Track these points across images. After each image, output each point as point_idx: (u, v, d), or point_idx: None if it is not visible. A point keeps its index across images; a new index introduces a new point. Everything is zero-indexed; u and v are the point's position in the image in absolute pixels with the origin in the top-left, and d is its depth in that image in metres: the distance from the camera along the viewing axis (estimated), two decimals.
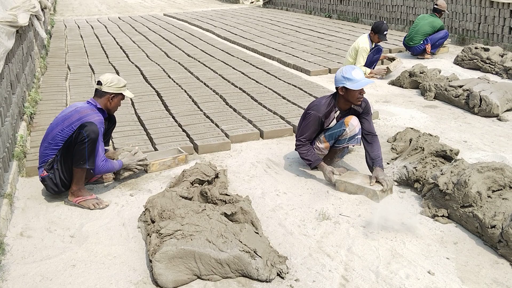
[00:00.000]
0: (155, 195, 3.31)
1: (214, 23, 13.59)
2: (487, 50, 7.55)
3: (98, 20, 15.06)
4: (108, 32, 12.35)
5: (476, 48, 7.66)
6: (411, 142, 4.24)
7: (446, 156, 3.89)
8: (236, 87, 6.67)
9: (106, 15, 17.28)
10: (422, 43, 8.34)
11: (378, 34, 6.88)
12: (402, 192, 3.77)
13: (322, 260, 2.92)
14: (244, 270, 2.75)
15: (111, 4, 22.06)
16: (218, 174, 3.75)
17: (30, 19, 6.86)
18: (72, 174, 3.61)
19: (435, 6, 8.51)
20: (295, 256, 2.98)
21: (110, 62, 8.54)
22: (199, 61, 8.50)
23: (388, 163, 4.23)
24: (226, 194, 3.34)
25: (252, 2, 20.65)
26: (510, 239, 2.86)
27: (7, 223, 3.37)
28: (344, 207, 3.55)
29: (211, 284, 2.74)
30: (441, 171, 3.51)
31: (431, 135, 4.28)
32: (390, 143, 4.64)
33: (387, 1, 11.83)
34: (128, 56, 9.07)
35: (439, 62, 8.14)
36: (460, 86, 5.87)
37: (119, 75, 7.42)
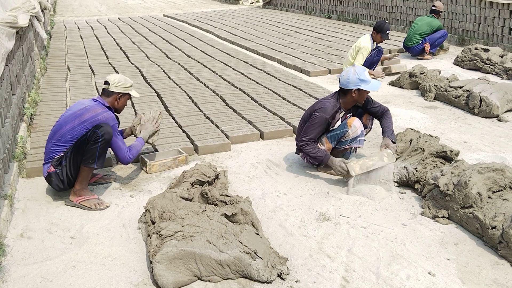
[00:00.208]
0: (156, 196, 3.31)
1: (214, 24, 13.60)
2: (487, 50, 7.55)
3: (98, 21, 15.06)
4: (108, 33, 12.35)
5: (476, 48, 7.67)
6: (411, 143, 4.24)
7: (447, 157, 3.89)
8: (236, 88, 6.67)
9: (106, 16, 17.28)
10: (420, 42, 8.39)
11: (381, 33, 6.88)
12: (403, 193, 3.77)
13: (322, 261, 2.92)
14: (244, 271, 2.74)
15: (111, 5, 22.07)
16: (218, 175, 3.74)
17: (30, 20, 6.86)
18: (78, 173, 3.62)
19: (432, 8, 8.70)
20: (295, 257, 2.98)
21: (110, 63, 8.54)
22: (199, 62, 8.50)
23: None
24: (227, 195, 3.34)
25: (251, 3, 20.66)
26: (510, 240, 2.86)
27: (7, 224, 3.37)
28: (344, 208, 3.55)
29: (211, 285, 2.74)
30: (441, 172, 3.51)
31: (431, 136, 4.27)
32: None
33: (387, 1, 11.84)
34: (128, 57, 9.07)
35: (439, 63, 8.15)
36: (460, 87, 5.87)
37: None
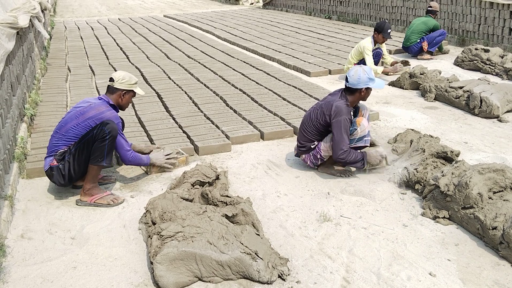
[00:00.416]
0: (156, 197, 3.30)
1: (214, 24, 13.60)
2: (487, 51, 7.55)
3: (98, 22, 15.06)
4: (108, 33, 12.35)
5: (476, 49, 7.67)
6: (411, 144, 4.24)
7: (447, 157, 3.89)
8: (237, 88, 6.67)
9: (106, 16, 17.29)
10: (418, 41, 8.41)
11: (382, 33, 6.88)
12: (403, 193, 3.77)
13: (323, 262, 2.92)
14: (245, 272, 2.74)
15: (111, 5, 22.07)
16: (218, 175, 3.74)
17: (31, 20, 6.86)
18: (82, 170, 3.63)
19: (428, 8, 8.78)
20: (296, 258, 2.98)
21: (110, 63, 8.54)
22: (199, 62, 8.50)
23: (388, 164, 4.23)
24: (227, 196, 3.34)
25: (252, 3, 20.66)
26: (511, 240, 2.86)
27: (8, 225, 3.37)
28: (345, 209, 3.55)
29: (212, 286, 2.74)
30: (442, 172, 3.51)
31: (431, 137, 4.27)
32: (390, 144, 4.63)
33: (387, 2, 11.84)
34: (128, 58, 9.07)
35: (439, 63, 8.15)
36: (461, 87, 5.87)
37: None
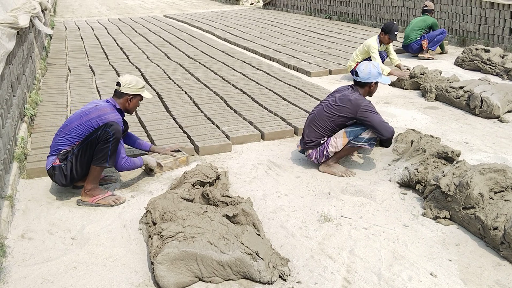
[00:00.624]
0: (157, 197, 3.30)
1: (214, 25, 13.59)
2: (487, 51, 7.55)
3: (98, 22, 15.06)
4: (109, 33, 12.34)
5: (476, 49, 7.66)
6: (412, 144, 4.23)
7: (448, 157, 3.88)
8: (237, 88, 6.66)
9: (106, 16, 17.28)
10: (419, 39, 8.44)
11: (389, 34, 6.89)
12: (404, 193, 3.77)
13: (324, 262, 2.92)
14: (246, 272, 2.74)
15: (111, 5, 22.07)
16: (219, 175, 3.74)
17: (31, 20, 6.85)
18: (84, 171, 3.63)
19: (424, 8, 8.82)
20: (297, 258, 2.97)
21: (110, 63, 8.54)
22: (199, 62, 8.49)
23: (389, 165, 4.23)
24: (228, 196, 3.33)
25: (252, 3, 20.66)
26: None
27: (8, 225, 3.36)
28: (345, 209, 3.55)
29: (212, 286, 2.73)
30: (442, 172, 3.51)
31: (432, 137, 4.27)
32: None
33: (387, 2, 11.84)
34: (128, 58, 9.06)
35: (439, 63, 8.15)
36: (461, 87, 5.86)
37: (119, 77, 7.42)
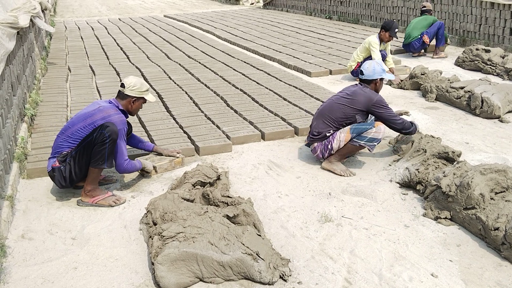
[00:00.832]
0: (157, 197, 3.29)
1: (214, 25, 13.59)
2: (488, 51, 7.54)
3: (98, 22, 15.06)
4: (109, 33, 12.34)
5: (477, 49, 7.66)
6: (413, 144, 4.23)
7: (448, 158, 3.88)
8: (237, 88, 6.66)
9: (107, 16, 17.28)
10: (419, 37, 8.44)
11: (389, 31, 6.89)
12: (405, 194, 3.76)
13: (324, 263, 2.91)
14: (246, 273, 2.73)
15: (111, 5, 22.06)
16: (219, 176, 3.74)
17: (31, 19, 6.85)
18: (83, 173, 3.62)
19: (423, 9, 8.83)
20: (297, 258, 2.97)
21: (110, 63, 8.53)
22: (199, 62, 8.49)
23: (390, 165, 4.23)
24: (228, 196, 3.33)
25: (252, 3, 20.65)
26: None
27: (8, 225, 3.36)
28: (346, 209, 3.54)
29: (213, 286, 2.73)
30: (443, 173, 3.50)
31: (433, 137, 4.26)
32: (392, 144, 4.63)
33: (387, 2, 11.83)
34: (128, 58, 9.06)
35: (440, 63, 8.14)
36: (462, 88, 5.86)
37: (119, 77, 7.42)
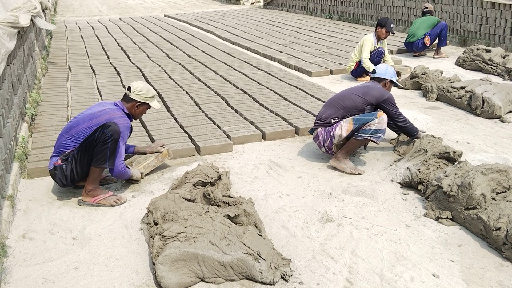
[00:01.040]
0: (158, 197, 3.29)
1: (215, 24, 13.58)
2: (489, 51, 7.53)
3: (99, 21, 15.05)
4: (109, 33, 12.34)
5: (477, 49, 7.65)
6: (414, 144, 4.22)
7: (450, 157, 3.87)
8: (238, 88, 6.65)
9: (107, 16, 17.28)
10: (423, 37, 8.42)
11: (385, 27, 6.89)
12: (405, 194, 3.76)
13: (326, 263, 2.91)
14: (247, 273, 2.73)
15: (111, 5, 22.06)
16: (220, 176, 3.73)
17: (32, 19, 6.85)
18: (84, 172, 3.62)
19: (425, 10, 8.84)
20: (298, 258, 2.96)
21: (111, 63, 8.53)
22: (200, 62, 8.48)
23: (391, 165, 4.23)
24: (229, 196, 3.32)
25: (252, 3, 20.64)
26: None
27: (9, 225, 3.36)
28: (347, 209, 3.54)
29: (214, 286, 2.73)
30: (444, 173, 3.50)
31: (434, 137, 4.26)
32: (392, 144, 4.62)
33: (388, 2, 11.82)
34: (129, 57, 9.06)
35: (440, 63, 8.14)
36: (462, 88, 5.85)
37: (120, 76, 7.42)
